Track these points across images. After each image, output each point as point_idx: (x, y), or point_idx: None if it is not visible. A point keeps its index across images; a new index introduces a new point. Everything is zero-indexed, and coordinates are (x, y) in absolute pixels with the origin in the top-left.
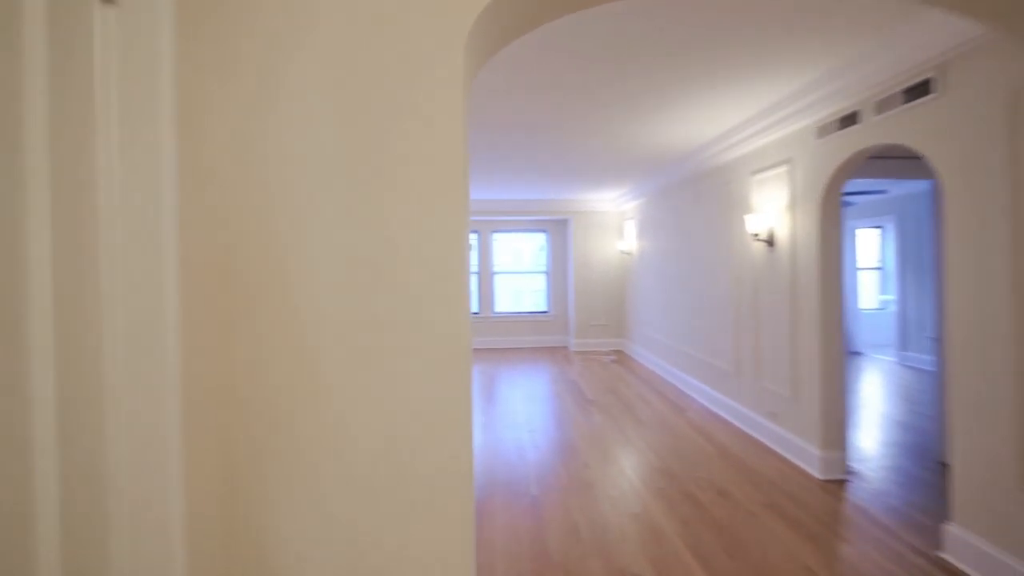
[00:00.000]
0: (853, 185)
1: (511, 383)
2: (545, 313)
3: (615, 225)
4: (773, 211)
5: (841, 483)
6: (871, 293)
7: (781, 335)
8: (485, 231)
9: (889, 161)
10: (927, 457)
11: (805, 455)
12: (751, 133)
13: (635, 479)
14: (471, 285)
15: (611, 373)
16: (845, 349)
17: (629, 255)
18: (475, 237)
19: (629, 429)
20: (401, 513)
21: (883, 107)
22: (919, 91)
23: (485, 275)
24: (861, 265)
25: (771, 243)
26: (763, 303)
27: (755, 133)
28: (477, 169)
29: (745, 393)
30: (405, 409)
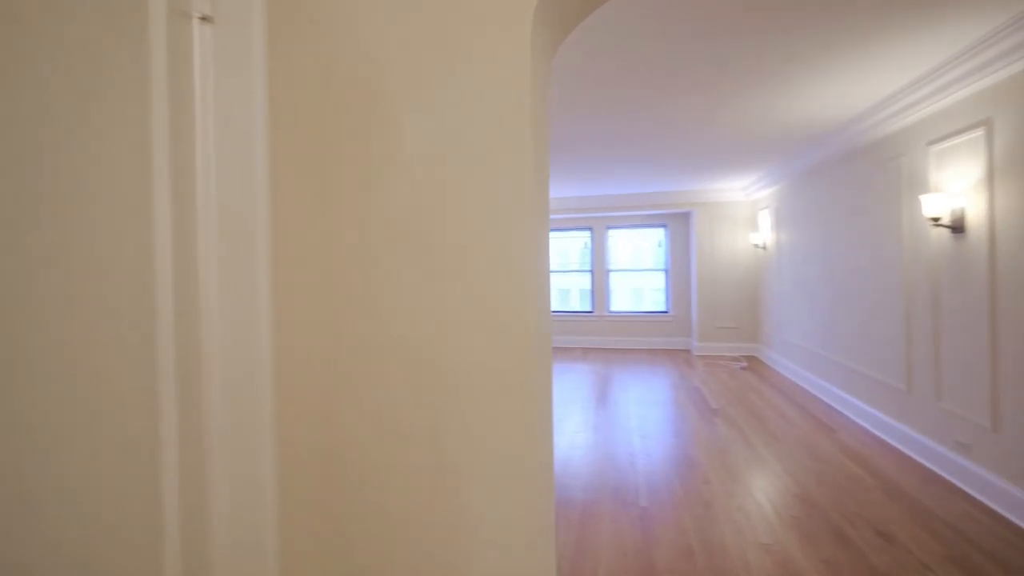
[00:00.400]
0: None
1: (624, 385)
2: (664, 313)
3: (746, 216)
4: (960, 189)
5: None
6: None
7: (975, 347)
8: (599, 228)
9: None
10: None
11: (1010, 501)
12: (925, 95)
13: (765, 503)
14: (549, 283)
15: (741, 381)
16: None
17: (763, 249)
18: (587, 235)
19: (760, 446)
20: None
21: None
22: None
23: (599, 273)
24: None
25: (958, 229)
26: (947, 305)
27: (930, 94)
28: (587, 165)
29: (921, 416)
30: (470, 415)
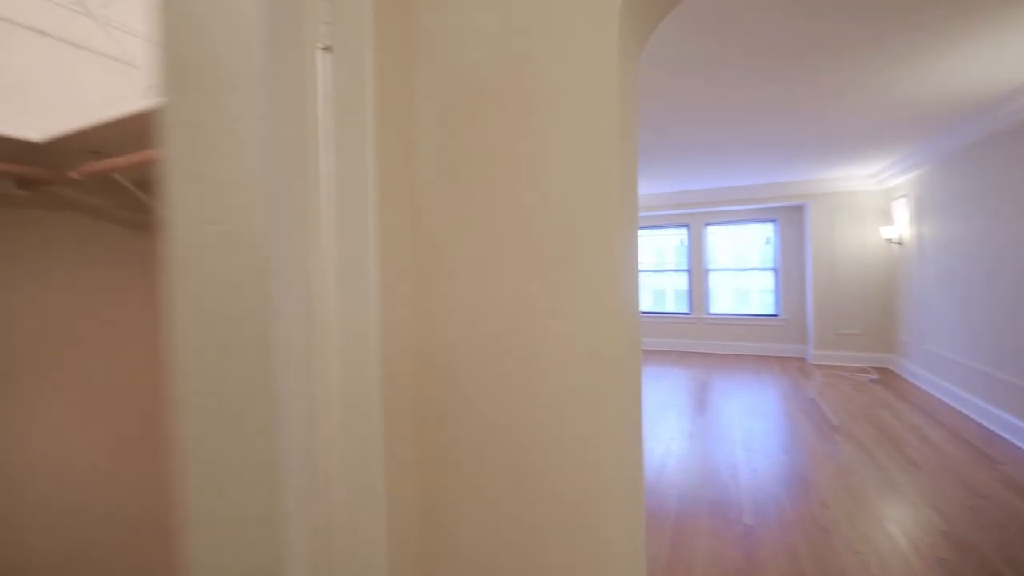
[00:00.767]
0: None
1: (726, 393)
2: (774, 317)
3: (875, 208)
4: None
5: None
6: None
7: None
8: (697, 224)
9: None
10: None
11: None
12: None
13: (900, 538)
14: (638, 281)
15: (870, 396)
16: None
17: (898, 245)
18: (684, 232)
19: (894, 471)
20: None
21: None
22: None
23: (697, 272)
24: None
25: None
26: None
27: None
28: (684, 158)
29: None
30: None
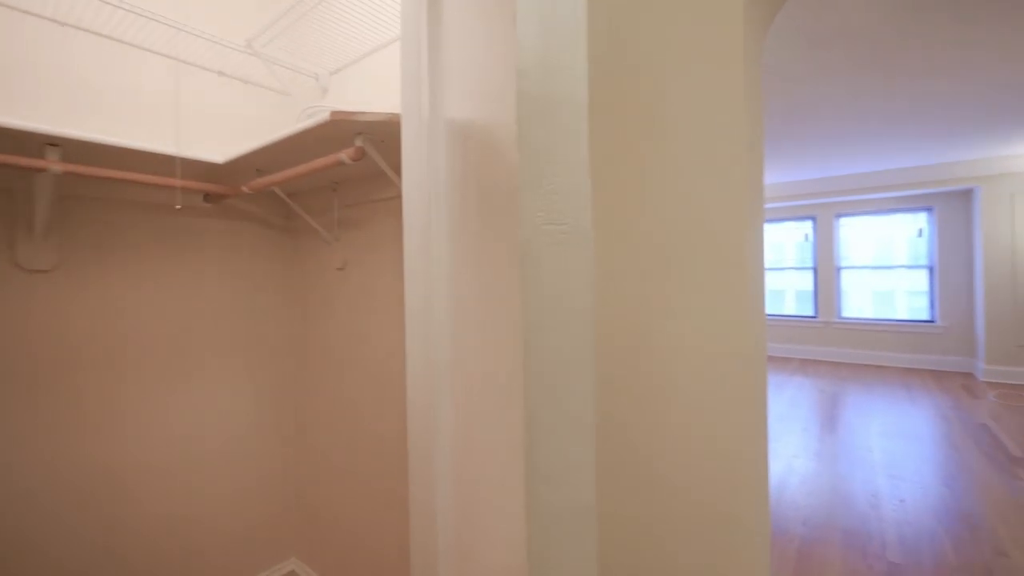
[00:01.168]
0: None
1: (863, 410)
2: (928, 323)
3: None
4: None
5: None
6: None
7: None
8: (825, 216)
9: None
10: None
11: None
12: None
13: None
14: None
15: None
16: None
17: None
18: (809, 225)
19: None
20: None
21: None
22: None
23: (826, 270)
24: None
25: None
26: None
27: None
28: (811, 142)
29: None
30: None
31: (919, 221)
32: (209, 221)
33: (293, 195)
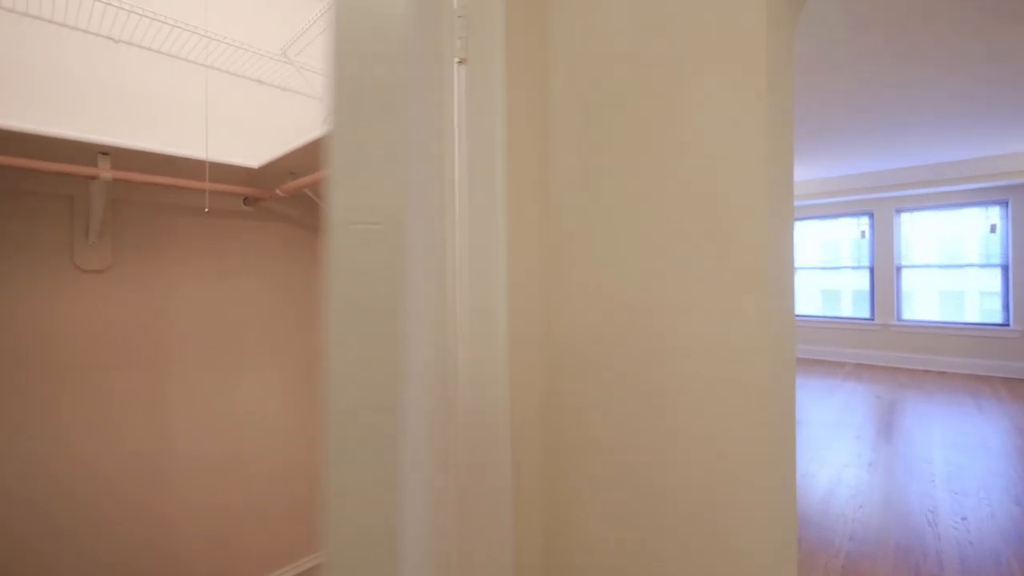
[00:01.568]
0: None
1: (924, 419)
2: (1001, 327)
3: None
4: None
5: None
6: None
7: None
8: (884, 211)
9: None
10: None
11: None
12: None
13: None
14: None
15: None
16: None
17: None
18: (866, 221)
19: None
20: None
21: None
22: None
23: (884, 270)
24: None
25: None
26: None
27: None
28: (869, 132)
29: None
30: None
31: (992, 216)
32: (247, 223)
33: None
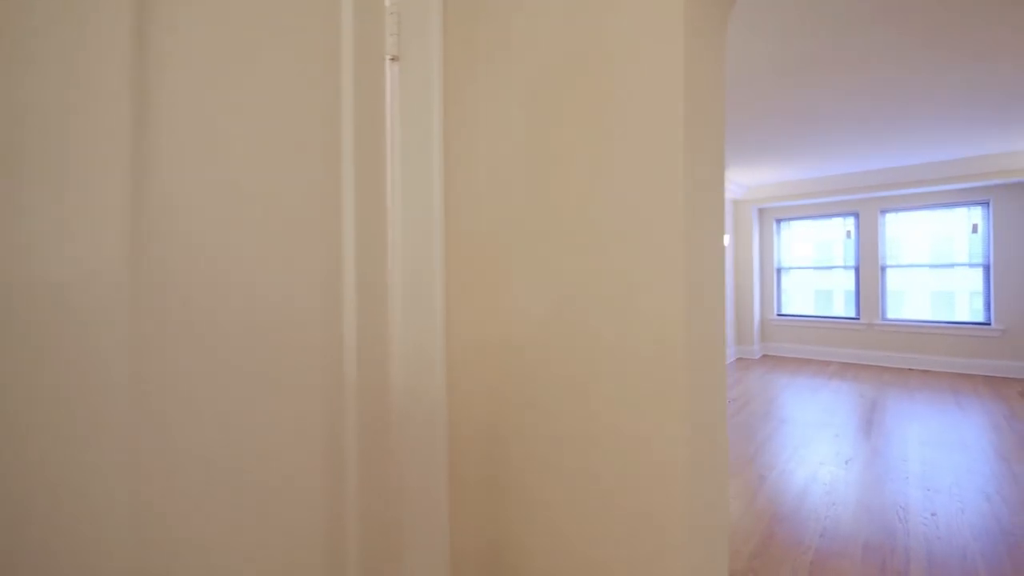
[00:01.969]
0: None
1: (904, 416)
2: (983, 326)
3: None
4: None
5: None
6: None
7: None
8: (869, 211)
9: None
10: None
11: None
12: None
13: None
14: (719, 282)
15: None
16: None
17: None
18: (851, 222)
19: None
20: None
21: None
22: None
23: (868, 270)
24: None
25: None
26: None
27: None
28: (846, 132)
29: None
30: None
31: (974, 216)
32: None
33: None
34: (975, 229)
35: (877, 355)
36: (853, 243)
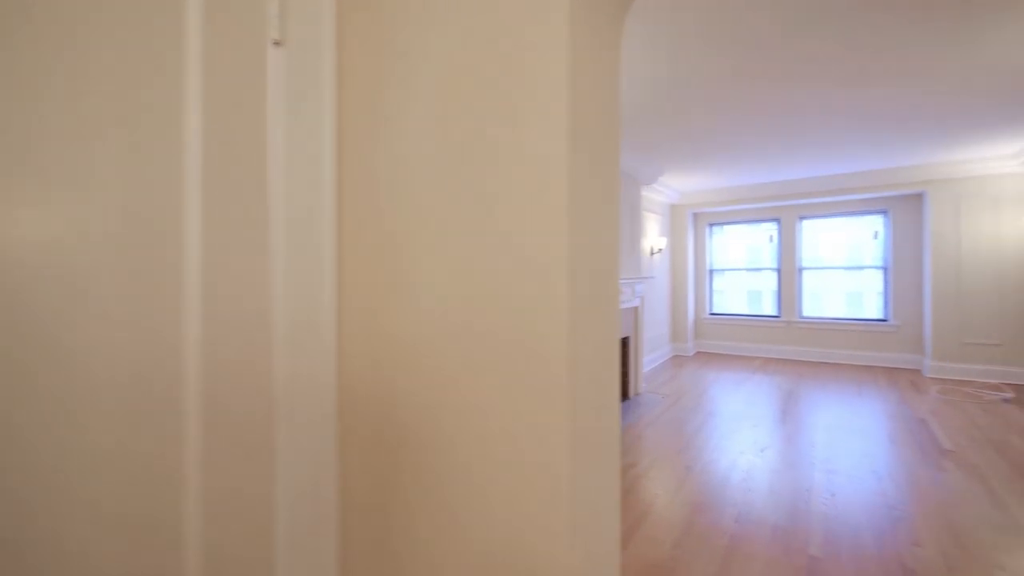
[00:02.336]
0: None
1: (814, 406)
2: (882, 322)
3: (1016, 193)
4: None
5: None
6: None
7: None
8: (789, 218)
9: None
10: None
11: None
12: None
13: None
14: (610, 282)
15: (998, 418)
16: None
17: None
18: (774, 227)
19: (1018, 509)
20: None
21: None
22: None
23: (789, 272)
24: None
25: None
26: None
27: None
28: (774, 143)
29: None
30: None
31: (875, 224)
32: None
33: None
34: (876, 235)
35: (795, 350)
36: (775, 247)
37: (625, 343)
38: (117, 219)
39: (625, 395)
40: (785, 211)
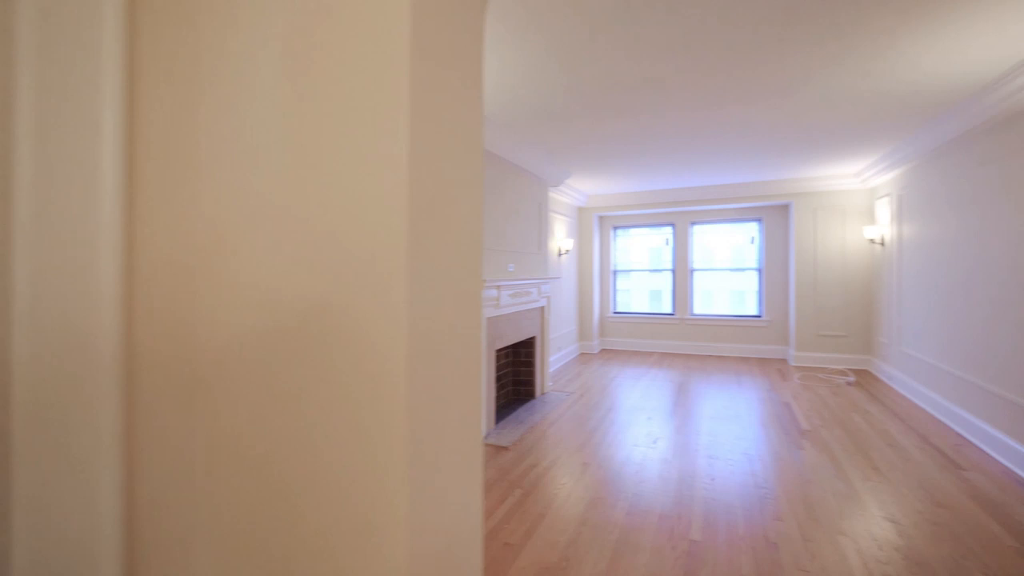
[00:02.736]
0: None
1: (700, 396)
2: (757, 318)
3: (859, 207)
4: None
5: None
6: None
7: None
8: (682, 223)
9: None
10: None
11: None
12: None
13: (852, 555)
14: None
15: (844, 399)
16: None
17: (880, 246)
18: (670, 231)
19: (857, 479)
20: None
21: None
22: None
23: (682, 272)
24: None
25: None
26: None
27: None
28: (665, 155)
29: None
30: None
31: (752, 230)
32: None
33: None
34: (752, 240)
35: (687, 345)
36: (671, 249)
37: (531, 343)
38: None
39: (532, 394)
40: (679, 216)
